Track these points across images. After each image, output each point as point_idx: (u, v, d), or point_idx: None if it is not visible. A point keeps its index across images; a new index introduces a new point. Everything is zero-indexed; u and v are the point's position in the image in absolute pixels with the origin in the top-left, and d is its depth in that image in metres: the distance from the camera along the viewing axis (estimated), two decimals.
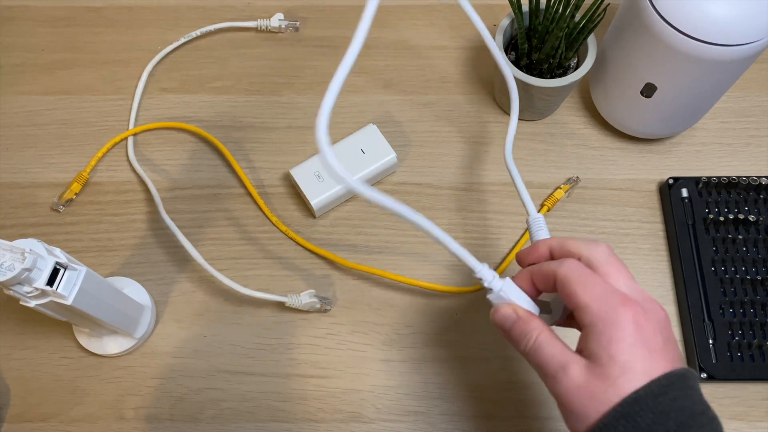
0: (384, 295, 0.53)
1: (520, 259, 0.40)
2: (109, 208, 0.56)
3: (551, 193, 0.56)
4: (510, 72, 0.50)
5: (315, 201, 0.53)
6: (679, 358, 0.34)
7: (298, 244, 0.54)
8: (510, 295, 0.36)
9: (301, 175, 0.54)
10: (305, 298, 0.50)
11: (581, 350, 0.33)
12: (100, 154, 0.57)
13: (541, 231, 0.44)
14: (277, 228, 0.55)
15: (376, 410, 0.49)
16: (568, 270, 0.34)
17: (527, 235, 0.54)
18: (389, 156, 0.55)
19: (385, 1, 0.66)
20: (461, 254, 0.35)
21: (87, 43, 0.63)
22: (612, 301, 0.32)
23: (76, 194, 0.55)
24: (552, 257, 0.38)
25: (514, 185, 0.47)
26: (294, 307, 0.50)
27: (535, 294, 0.38)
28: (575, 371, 0.32)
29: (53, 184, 0.57)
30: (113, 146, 0.58)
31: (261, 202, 0.55)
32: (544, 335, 0.34)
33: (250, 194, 0.56)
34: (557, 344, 0.34)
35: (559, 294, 0.35)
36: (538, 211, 0.49)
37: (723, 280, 0.51)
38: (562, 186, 0.56)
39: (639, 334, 0.31)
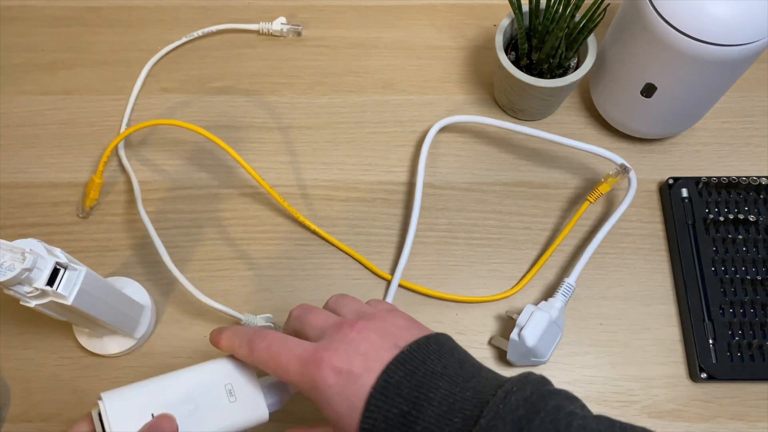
0: (384, 295, 0.53)
1: None
2: (109, 208, 0.56)
3: (596, 187, 0.53)
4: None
5: None
6: (387, 348, 0.34)
7: (323, 239, 0.54)
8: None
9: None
10: (260, 322, 0.50)
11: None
12: (104, 158, 0.55)
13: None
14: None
15: None
16: (258, 355, 0.36)
17: (553, 245, 0.55)
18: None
19: (385, 1, 0.66)
20: None
21: (87, 43, 0.63)
22: (302, 370, 0.34)
23: (96, 200, 0.55)
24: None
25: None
26: None
27: None
28: None
29: (53, 184, 0.57)
30: (115, 147, 0.58)
31: (279, 199, 0.54)
32: None
33: (250, 194, 0.56)
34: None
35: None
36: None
37: (723, 280, 0.51)
38: (609, 179, 0.52)
39: (339, 379, 0.33)
